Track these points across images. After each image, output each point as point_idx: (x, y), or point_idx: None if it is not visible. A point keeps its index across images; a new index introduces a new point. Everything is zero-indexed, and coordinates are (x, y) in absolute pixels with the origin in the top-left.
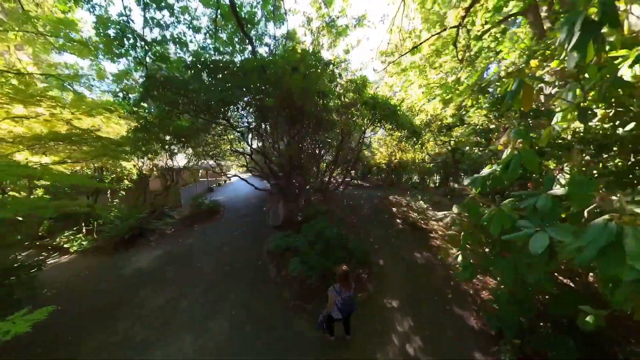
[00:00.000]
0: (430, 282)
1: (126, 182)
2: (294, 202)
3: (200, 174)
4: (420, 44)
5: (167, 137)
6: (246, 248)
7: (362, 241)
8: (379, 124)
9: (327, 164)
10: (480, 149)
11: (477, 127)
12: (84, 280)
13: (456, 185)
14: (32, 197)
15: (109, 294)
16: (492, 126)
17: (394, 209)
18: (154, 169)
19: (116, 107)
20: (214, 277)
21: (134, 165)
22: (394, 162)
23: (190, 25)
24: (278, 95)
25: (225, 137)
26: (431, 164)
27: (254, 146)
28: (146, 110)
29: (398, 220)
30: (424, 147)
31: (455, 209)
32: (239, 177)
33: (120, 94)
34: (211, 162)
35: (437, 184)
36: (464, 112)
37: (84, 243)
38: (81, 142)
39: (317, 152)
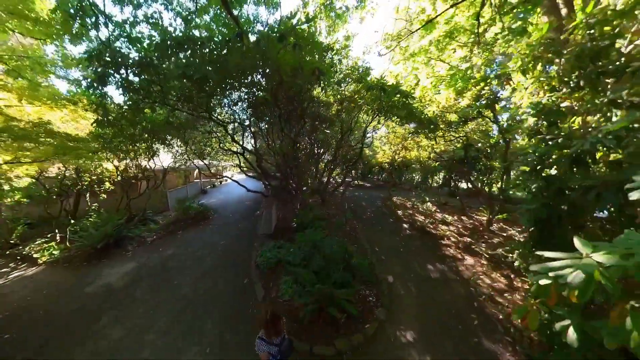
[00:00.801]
0: (450, 304)
1: (107, 184)
2: (289, 206)
3: (195, 175)
4: (437, 16)
5: (141, 133)
6: (233, 261)
7: (366, 252)
8: (386, 115)
9: (325, 164)
10: (547, 137)
11: (535, 107)
12: (41, 301)
13: (463, 185)
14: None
15: (63, 320)
16: (565, 104)
17: (400, 212)
18: (137, 170)
19: (80, 98)
20: (190, 299)
21: (115, 166)
22: (397, 161)
23: (169, 5)
24: (267, 78)
25: (216, 135)
26: (437, 163)
27: (248, 145)
28: (114, 102)
29: (405, 225)
30: (437, 141)
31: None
32: (230, 179)
33: (84, 82)
34: (201, 162)
35: (439, 184)
36: (484, 102)
37: (54, 253)
38: (27, 138)
39: (315, 150)
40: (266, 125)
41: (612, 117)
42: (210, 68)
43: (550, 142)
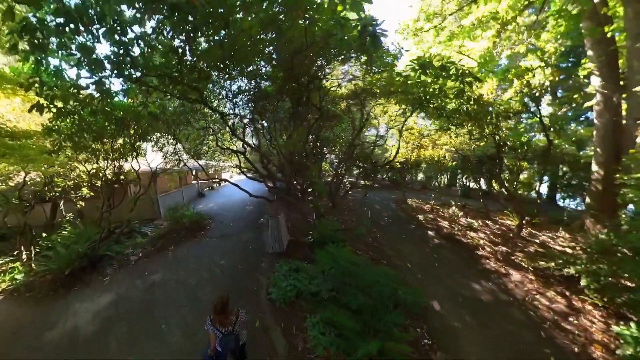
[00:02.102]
0: (515, 335)
1: (84, 190)
2: (297, 212)
3: (192, 177)
4: None
5: (112, 126)
6: (237, 291)
7: (397, 268)
8: (422, 108)
9: (337, 163)
10: None
11: None
12: None
13: (474, 185)
14: None
15: None
16: None
17: (420, 217)
18: (115, 172)
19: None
20: (183, 354)
21: (96, 169)
22: (411, 160)
23: None
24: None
25: (213, 132)
26: (454, 162)
27: (247, 145)
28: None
29: (430, 232)
30: (463, 138)
31: None
32: (229, 182)
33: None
34: (197, 163)
35: (446, 184)
36: (536, 93)
37: (17, 277)
38: None
39: (321, 150)
40: (266, 123)
41: None
42: None
43: None
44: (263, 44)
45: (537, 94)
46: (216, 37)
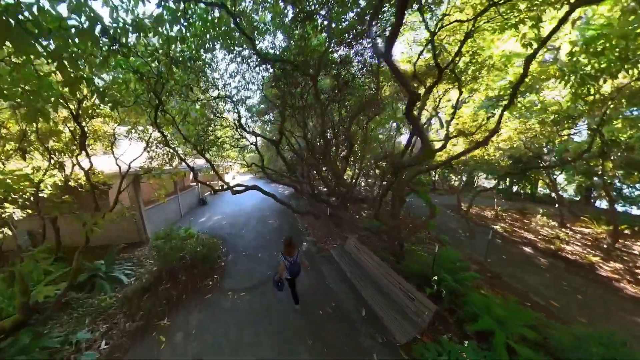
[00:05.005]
0: None
1: (8, 206)
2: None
3: (191, 178)
4: None
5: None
6: None
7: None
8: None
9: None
10: None
11: None
12: None
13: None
14: None
15: None
16: None
17: (496, 227)
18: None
19: None
20: None
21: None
22: (459, 159)
23: None
24: None
25: (218, 114)
26: (506, 161)
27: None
28: None
29: (526, 249)
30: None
31: None
32: (248, 187)
33: None
34: (195, 161)
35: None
36: None
37: None
38: None
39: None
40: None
41: None
42: None
43: None
44: None
45: None
46: None
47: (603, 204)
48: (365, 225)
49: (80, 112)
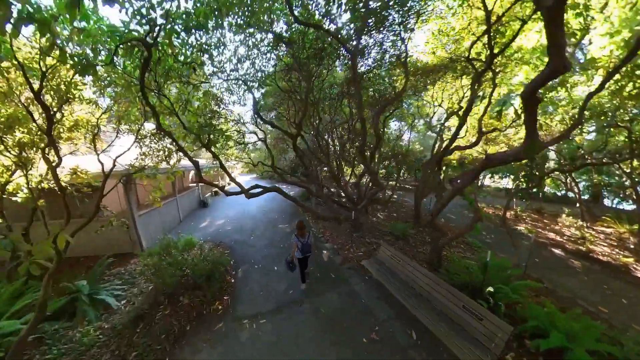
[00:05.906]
0: None
1: None
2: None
3: (190, 178)
4: None
5: None
6: None
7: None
8: None
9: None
10: None
11: None
12: None
13: (508, 185)
14: None
15: None
16: None
17: (520, 228)
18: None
19: None
20: None
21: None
22: (469, 158)
23: None
24: None
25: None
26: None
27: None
28: None
29: (556, 251)
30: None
31: None
32: (266, 189)
33: None
34: (196, 158)
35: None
36: None
37: None
38: None
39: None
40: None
41: None
42: None
43: None
44: None
45: None
46: None
47: (610, 202)
48: (390, 230)
49: (43, 86)
